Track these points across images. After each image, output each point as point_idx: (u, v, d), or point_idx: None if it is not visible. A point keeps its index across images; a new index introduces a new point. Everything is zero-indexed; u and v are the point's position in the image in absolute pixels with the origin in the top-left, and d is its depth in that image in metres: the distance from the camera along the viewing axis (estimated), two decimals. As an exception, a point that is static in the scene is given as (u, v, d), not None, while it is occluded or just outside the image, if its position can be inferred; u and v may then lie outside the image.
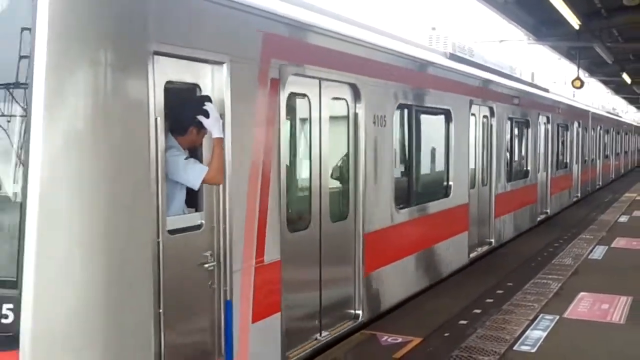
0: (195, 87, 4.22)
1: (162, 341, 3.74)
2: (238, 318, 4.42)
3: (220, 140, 4.21)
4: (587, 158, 19.60)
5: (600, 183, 22.81)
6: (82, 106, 3.36)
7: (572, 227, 13.24)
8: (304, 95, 5.42)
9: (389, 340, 6.03)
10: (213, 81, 4.27)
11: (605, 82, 29.07)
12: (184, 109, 4.14)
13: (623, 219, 14.81)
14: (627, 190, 22.04)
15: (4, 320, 3.20)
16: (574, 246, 11.19)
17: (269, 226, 4.79)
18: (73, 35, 3.36)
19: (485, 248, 10.20)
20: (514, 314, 6.97)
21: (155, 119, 3.68)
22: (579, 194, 18.38)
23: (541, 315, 6.92)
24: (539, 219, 13.64)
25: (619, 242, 11.56)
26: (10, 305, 3.21)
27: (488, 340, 6.08)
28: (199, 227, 4.20)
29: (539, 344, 6.01)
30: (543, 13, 12.77)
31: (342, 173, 6.18)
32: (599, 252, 10.67)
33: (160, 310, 3.72)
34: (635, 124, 42.09)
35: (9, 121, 3.40)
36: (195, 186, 4.15)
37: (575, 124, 17.59)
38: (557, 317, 6.88)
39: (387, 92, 6.80)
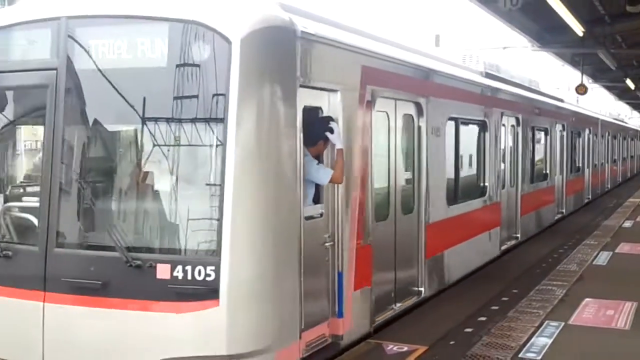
0: (318, 109, 5.64)
1: (301, 297, 5.07)
2: (345, 286, 5.76)
3: (341, 150, 5.59)
4: (597, 163, 20.67)
5: (609, 186, 23.83)
6: (259, 126, 4.71)
7: (576, 233, 13.26)
8: (385, 113, 6.79)
9: (395, 349, 6.06)
10: (329, 104, 5.70)
11: (608, 88, 29.10)
12: (315, 126, 5.48)
13: (627, 224, 14.83)
14: (631, 195, 22.04)
15: (208, 278, 4.50)
16: (578, 252, 11.21)
17: (365, 216, 6.18)
18: (254, 77, 4.70)
19: (513, 242, 11.45)
20: (519, 320, 7.01)
21: (300, 134, 5.04)
22: (590, 196, 19.41)
23: (546, 322, 6.94)
24: (556, 217, 14.86)
25: (624, 248, 11.58)
26: (213, 268, 4.49)
27: (493, 348, 6.12)
28: (321, 215, 5.59)
29: (544, 351, 6.04)
30: (547, 20, 12.83)
31: (410, 175, 7.51)
32: (603, 257, 10.69)
33: (301, 274, 5.06)
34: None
35: (211, 143, 4.73)
36: (324, 184, 5.54)
37: (587, 131, 18.72)
38: (562, 323, 6.90)
39: (441, 108, 8.11)
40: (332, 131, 5.50)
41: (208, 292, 4.50)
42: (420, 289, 7.55)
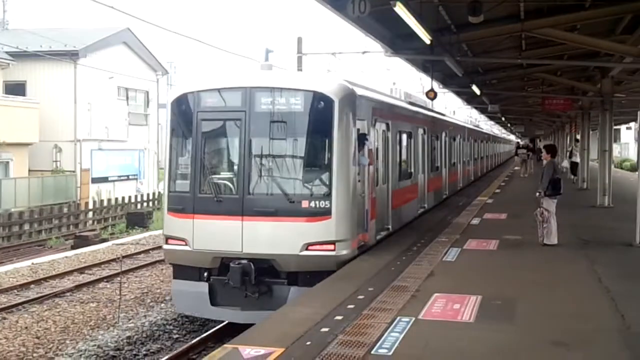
0: (359, 129, 10.64)
1: (356, 219, 10.46)
2: (368, 217, 11.15)
3: (371, 150, 11.20)
4: (465, 160, 27.38)
5: (473, 178, 30.52)
6: (344, 139, 10.11)
7: (429, 231, 13.89)
8: (377, 130, 12.15)
9: (252, 353, 6.07)
10: (362, 127, 10.90)
11: (458, 93, 30.76)
12: (361, 139, 10.71)
13: (475, 221, 15.72)
14: (479, 193, 23.48)
15: (326, 207, 9.86)
16: (430, 249, 11.74)
17: (373, 183, 11.65)
18: (344, 117, 10.13)
19: (423, 209, 17.00)
20: (374, 318, 7.25)
21: (356, 142, 10.44)
22: (461, 184, 25.99)
23: (398, 318, 7.24)
24: (443, 196, 20.89)
25: (471, 244, 12.28)
26: (328, 202, 9.89)
27: (348, 346, 6.29)
28: (359, 180, 10.71)
29: (395, 346, 6.30)
30: (397, 27, 13.31)
31: (385, 163, 12.93)
32: (452, 254, 11.27)
33: (356, 208, 10.49)
34: (492, 133, 52.15)
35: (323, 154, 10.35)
36: (366, 165, 10.97)
37: (458, 136, 25.19)
38: (413, 318, 7.23)
39: (396, 125, 13.76)
40: (367, 140, 10.96)
41: (326, 212, 9.88)
42: (388, 226, 13.01)
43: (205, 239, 10.10)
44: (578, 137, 29.83)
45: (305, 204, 9.87)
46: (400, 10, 9.84)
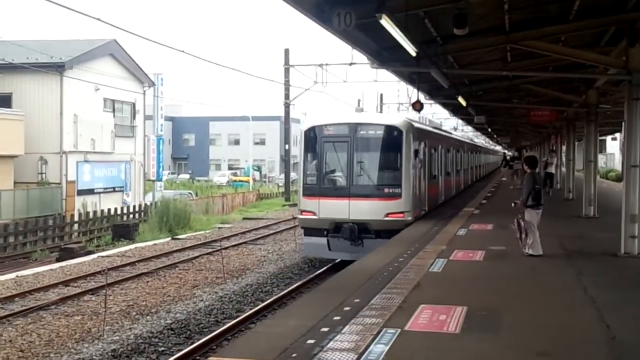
0: (414, 147, 17.88)
1: (414, 201, 18.07)
2: (418, 199, 18.39)
3: (420, 160, 18.72)
4: (465, 167, 33.88)
5: (470, 182, 36.49)
6: (408, 153, 17.28)
7: (415, 242, 13.92)
8: (420, 147, 18.83)
9: (237, 364, 6.02)
10: (415, 146, 18.01)
11: (444, 105, 30.90)
12: (415, 153, 17.88)
13: (462, 232, 15.77)
14: (466, 204, 23.56)
15: (398, 192, 17.01)
16: (417, 260, 11.75)
17: (419, 180, 18.76)
18: (408, 140, 17.38)
19: (441, 201, 23.24)
20: (360, 329, 7.23)
21: (413, 154, 17.75)
22: (463, 186, 31.97)
23: (384, 329, 7.21)
24: (452, 193, 27.19)
25: (457, 255, 12.30)
26: (400, 188, 17.00)
27: (334, 358, 6.25)
28: (415, 177, 18.27)
29: (381, 358, 6.27)
30: (384, 39, 13.37)
31: (424, 168, 19.27)
32: (439, 264, 11.28)
33: (414, 194, 18.05)
34: (483, 145, 59.25)
35: (394, 162, 17.59)
36: (418, 168, 18.31)
37: (460, 150, 31.12)
38: (399, 330, 7.21)
39: (429, 144, 20.45)
40: (418, 153, 17.88)
41: (398, 195, 16.88)
42: (425, 208, 19.29)
43: (326, 211, 16.88)
44: (561, 148, 29.98)
45: (386, 190, 16.85)
46: (386, 22, 9.87)
